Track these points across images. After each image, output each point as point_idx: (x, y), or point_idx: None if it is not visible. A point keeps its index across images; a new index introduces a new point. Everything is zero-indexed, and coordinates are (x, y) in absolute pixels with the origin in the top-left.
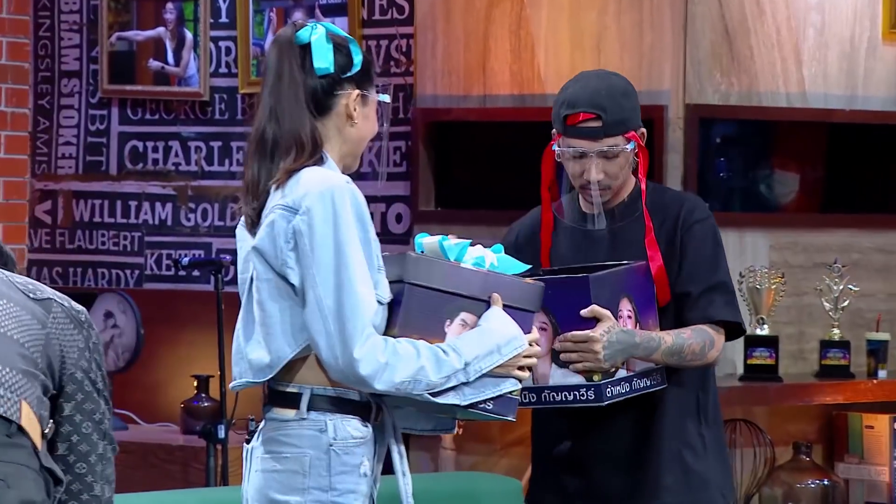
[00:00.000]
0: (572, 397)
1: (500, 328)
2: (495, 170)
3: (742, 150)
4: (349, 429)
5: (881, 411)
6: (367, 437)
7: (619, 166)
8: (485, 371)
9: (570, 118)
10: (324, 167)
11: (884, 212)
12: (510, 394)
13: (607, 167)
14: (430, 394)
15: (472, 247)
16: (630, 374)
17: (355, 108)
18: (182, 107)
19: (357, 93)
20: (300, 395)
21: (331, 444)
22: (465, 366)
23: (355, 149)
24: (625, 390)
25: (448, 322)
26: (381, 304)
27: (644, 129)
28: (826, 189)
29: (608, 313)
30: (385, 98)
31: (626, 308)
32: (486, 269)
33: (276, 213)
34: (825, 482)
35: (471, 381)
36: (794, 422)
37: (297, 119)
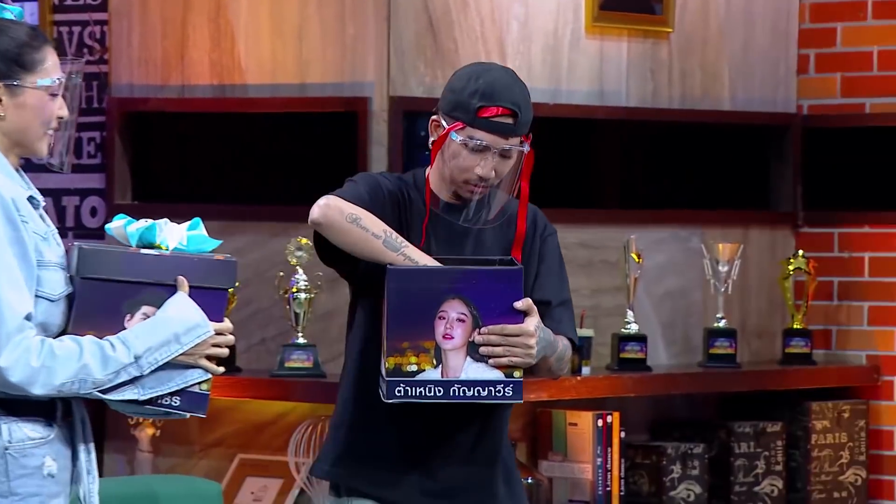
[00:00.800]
0: (486, 393)
1: (179, 315)
2: (195, 162)
3: None
4: (26, 430)
5: (585, 408)
6: (51, 436)
7: (509, 166)
8: (162, 363)
9: (485, 110)
10: None
11: (587, 207)
12: (199, 387)
13: (500, 166)
14: (100, 391)
15: (166, 226)
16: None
17: (1, 100)
18: None
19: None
20: None
21: (6, 448)
22: (136, 359)
23: (21, 140)
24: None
25: (128, 317)
26: (52, 300)
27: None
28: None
29: (535, 308)
30: (47, 82)
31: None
32: (169, 252)
33: None
34: (529, 480)
35: (145, 374)
36: None
37: None
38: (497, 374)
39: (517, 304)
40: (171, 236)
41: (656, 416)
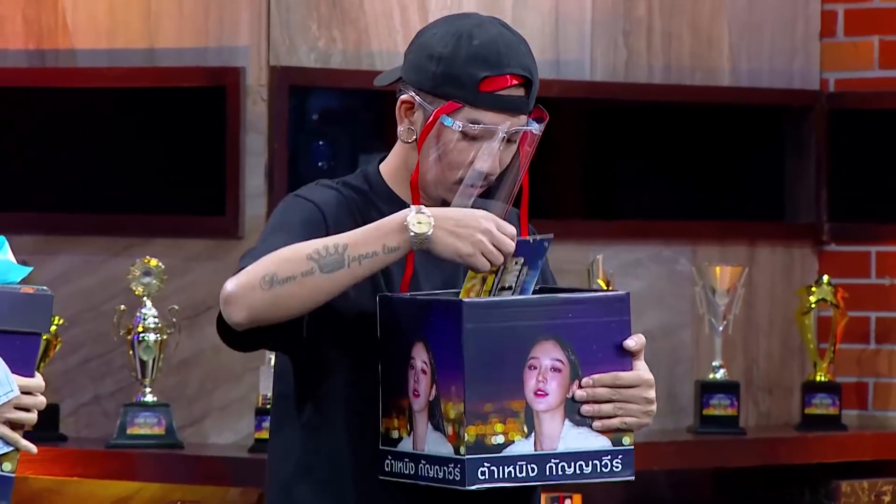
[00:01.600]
0: (591, 469)
1: None
2: (2, 154)
3: (349, 130)
4: None
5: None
6: None
7: (512, 154)
8: None
9: (490, 81)
10: None
11: (538, 217)
12: (0, 467)
13: (505, 155)
14: None
15: None
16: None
17: None
18: None
19: None
20: None
21: None
22: None
23: None
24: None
25: None
26: None
27: None
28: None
29: (644, 346)
30: None
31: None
32: None
33: None
34: None
35: None
36: None
37: None
38: (603, 442)
39: (628, 343)
40: None
41: (631, 500)
